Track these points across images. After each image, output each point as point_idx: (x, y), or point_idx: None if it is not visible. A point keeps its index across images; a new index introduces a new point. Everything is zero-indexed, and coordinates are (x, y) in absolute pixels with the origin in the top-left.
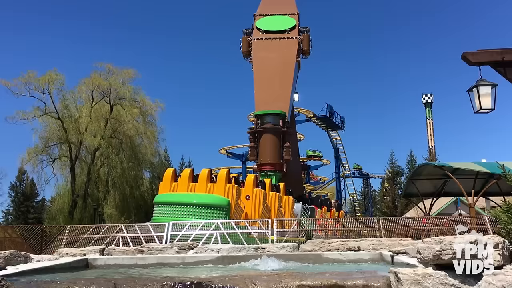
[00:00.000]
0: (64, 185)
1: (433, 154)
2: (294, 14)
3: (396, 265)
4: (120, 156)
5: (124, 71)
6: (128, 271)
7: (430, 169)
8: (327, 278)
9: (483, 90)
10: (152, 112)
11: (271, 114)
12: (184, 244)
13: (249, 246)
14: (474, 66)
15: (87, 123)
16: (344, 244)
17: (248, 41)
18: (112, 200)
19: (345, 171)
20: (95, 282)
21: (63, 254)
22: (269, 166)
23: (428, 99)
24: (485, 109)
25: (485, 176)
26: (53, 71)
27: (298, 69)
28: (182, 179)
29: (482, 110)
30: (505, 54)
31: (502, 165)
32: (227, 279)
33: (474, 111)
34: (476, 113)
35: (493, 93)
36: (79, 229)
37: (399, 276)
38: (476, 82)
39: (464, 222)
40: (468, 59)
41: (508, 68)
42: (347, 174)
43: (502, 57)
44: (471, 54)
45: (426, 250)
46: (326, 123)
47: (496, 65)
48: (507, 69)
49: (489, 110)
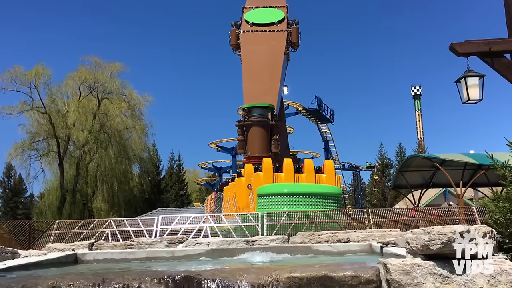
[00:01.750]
0: (52, 181)
1: (422, 146)
2: (283, 6)
3: (385, 256)
4: (108, 151)
5: (112, 65)
6: (117, 265)
7: (419, 160)
8: (317, 270)
9: (470, 81)
10: (141, 106)
11: (260, 107)
12: (174, 238)
13: (239, 239)
14: (462, 57)
15: (75, 118)
16: (333, 236)
17: (237, 34)
18: (101, 195)
19: (335, 164)
20: (83, 277)
21: (52, 249)
22: (257, 159)
23: (417, 91)
24: (473, 100)
25: (473, 167)
26: (39, 66)
27: (287, 62)
28: (288, 171)
29: (470, 101)
30: (492, 44)
31: (490, 155)
32: (216, 272)
33: (462, 101)
34: (464, 103)
35: (481, 83)
36: (67, 224)
37: (388, 267)
38: (464, 73)
39: (453, 212)
40: (456, 50)
41: (496, 58)
42: (337, 166)
43: (490, 48)
44: (459, 45)
45: (415, 241)
46: (316, 116)
47: (484, 56)
48: (495, 60)
49: (477, 100)
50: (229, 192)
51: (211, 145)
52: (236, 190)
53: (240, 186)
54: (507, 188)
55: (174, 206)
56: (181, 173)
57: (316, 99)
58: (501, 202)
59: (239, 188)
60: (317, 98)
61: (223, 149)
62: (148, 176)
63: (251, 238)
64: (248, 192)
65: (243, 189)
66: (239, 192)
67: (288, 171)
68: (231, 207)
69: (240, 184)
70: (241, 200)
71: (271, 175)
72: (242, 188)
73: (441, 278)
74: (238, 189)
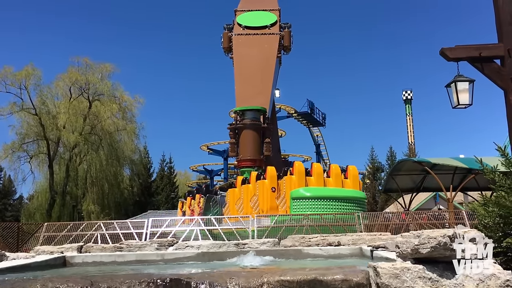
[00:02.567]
0: (42, 183)
1: (412, 150)
2: (275, 10)
3: (375, 259)
4: (99, 153)
5: (102, 66)
6: (106, 268)
7: (410, 164)
8: (307, 273)
9: (460, 86)
10: (132, 108)
11: (252, 110)
12: (164, 240)
13: (229, 242)
14: (452, 62)
15: (65, 120)
16: (324, 239)
17: (229, 36)
18: (91, 197)
19: (326, 167)
20: (71, 280)
21: (40, 252)
22: (249, 162)
23: (408, 96)
24: (462, 105)
25: (463, 171)
26: (29, 66)
27: (279, 65)
28: (318, 174)
29: (460, 106)
30: (482, 49)
31: (480, 160)
32: (206, 275)
33: (452, 106)
34: (454, 108)
35: (471, 88)
36: (56, 226)
37: (378, 270)
38: (454, 77)
39: (443, 216)
40: (446, 54)
41: (485, 63)
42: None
43: (479, 53)
44: (449, 49)
45: (405, 244)
46: (307, 119)
47: (474, 61)
48: (484, 65)
49: (466, 105)
50: (235, 195)
51: (203, 147)
52: (259, 193)
53: (263, 188)
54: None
55: (165, 208)
56: (172, 175)
57: (308, 102)
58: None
59: (262, 191)
60: (309, 101)
61: (214, 152)
62: (139, 179)
63: (241, 241)
64: (274, 195)
65: (267, 191)
66: (263, 194)
67: (319, 175)
68: (245, 209)
69: (264, 187)
70: (264, 202)
71: (304, 179)
72: (266, 190)
73: (430, 282)
74: (261, 191)
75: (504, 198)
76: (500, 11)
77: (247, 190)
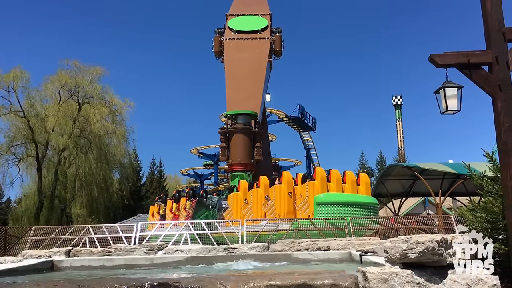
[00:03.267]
0: (30, 186)
1: (402, 155)
2: (267, 14)
3: (364, 264)
4: (88, 156)
5: (92, 69)
6: (94, 272)
7: (399, 169)
8: (296, 278)
9: (449, 92)
10: (122, 111)
11: (243, 114)
12: (153, 244)
13: (219, 247)
14: (441, 68)
15: (54, 123)
16: (313, 244)
17: (220, 40)
18: (80, 201)
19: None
20: (59, 284)
21: (27, 255)
22: (240, 166)
23: (398, 101)
24: (451, 110)
25: (452, 176)
26: (17, 68)
27: (270, 70)
28: (337, 181)
29: (448, 111)
30: (471, 56)
31: (468, 165)
32: (195, 279)
33: (441, 112)
34: (443, 114)
35: (459, 94)
36: (44, 230)
37: (367, 275)
38: (442, 83)
39: (432, 221)
40: (435, 61)
41: (474, 70)
42: None
43: (468, 59)
44: (438, 56)
45: (393, 249)
46: (298, 123)
47: (462, 67)
48: (473, 71)
49: (455, 111)
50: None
51: (193, 151)
52: (276, 197)
53: (280, 193)
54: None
55: None
56: (162, 179)
57: (299, 107)
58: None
59: (279, 196)
60: (300, 106)
61: (205, 156)
62: (128, 182)
63: (231, 245)
64: (291, 200)
65: (284, 196)
66: (280, 198)
67: (338, 182)
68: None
69: (280, 192)
70: (281, 207)
71: (326, 185)
72: (283, 195)
73: (418, 286)
74: (278, 196)
75: (491, 204)
76: (488, 18)
77: (257, 195)
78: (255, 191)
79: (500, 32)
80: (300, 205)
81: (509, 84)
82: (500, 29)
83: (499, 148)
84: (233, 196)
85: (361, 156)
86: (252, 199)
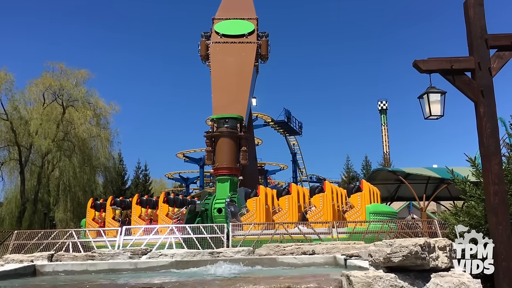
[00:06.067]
0: (12, 190)
1: (387, 159)
2: (253, 19)
3: (349, 268)
4: (72, 160)
5: (77, 72)
6: (77, 277)
7: (384, 174)
8: (281, 282)
9: (433, 97)
10: (107, 115)
11: (228, 118)
12: (137, 249)
13: (204, 251)
14: (424, 74)
15: (38, 126)
16: (299, 248)
17: (207, 44)
18: (63, 205)
19: (302, 176)
20: None
21: (9, 260)
22: (225, 170)
23: (384, 106)
24: (434, 116)
25: (436, 181)
26: (2, 71)
27: (256, 74)
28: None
29: (432, 117)
30: (454, 62)
31: (451, 170)
32: (178, 284)
33: (424, 117)
34: (426, 119)
35: (442, 100)
36: (27, 234)
37: (351, 279)
38: (426, 89)
39: (416, 225)
40: (419, 66)
41: (457, 76)
42: (304, 179)
43: (451, 65)
44: (422, 62)
45: (377, 253)
46: (284, 128)
47: (445, 73)
48: (456, 77)
49: (438, 116)
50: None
51: (179, 155)
52: (323, 206)
53: (326, 202)
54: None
55: None
56: (147, 183)
57: (285, 111)
58: (461, 216)
59: (325, 204)
60: (286, 110)
61: (190, 160)
62: (113, 186)
63: (216, 250)
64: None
65: (329, 203)
66: (326, 207)
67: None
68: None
69: (326, 200)
70: (327, 214)
71: (369, 196)
72: (329, 204)
73: None
74: (324, 205)
75: (474, 208)
76: (471, 25)
77: (292, 201)
78: (290, 197)
79: (482, 38)
80: (351, 212)
81: (492, 90)
82: (483, 35)
83: (481, 153)
84: (254, 200)
85: (347, 161)
86: (287, 205)
